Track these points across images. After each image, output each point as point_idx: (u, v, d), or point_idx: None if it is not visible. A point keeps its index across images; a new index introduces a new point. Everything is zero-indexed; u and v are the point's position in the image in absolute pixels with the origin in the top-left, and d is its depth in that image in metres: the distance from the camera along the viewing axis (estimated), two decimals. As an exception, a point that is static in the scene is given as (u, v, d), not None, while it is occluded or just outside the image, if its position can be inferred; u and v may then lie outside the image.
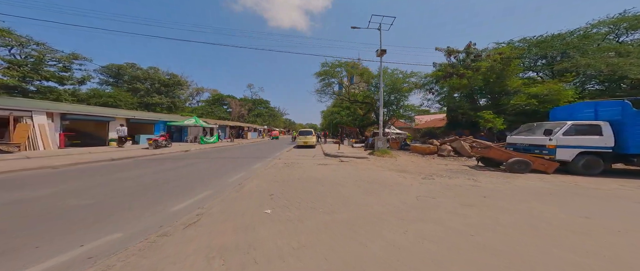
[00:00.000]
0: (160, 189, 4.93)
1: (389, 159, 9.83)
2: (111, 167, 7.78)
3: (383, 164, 8.85)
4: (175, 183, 5.55)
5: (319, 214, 3.49)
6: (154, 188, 5.02)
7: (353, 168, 7.86)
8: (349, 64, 26.76)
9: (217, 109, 54.83)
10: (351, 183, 5.64)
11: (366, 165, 8.58)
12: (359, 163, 8.99)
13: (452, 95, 15.37)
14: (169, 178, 6.20)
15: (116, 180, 5.74)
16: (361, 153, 12.31)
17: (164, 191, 4.80)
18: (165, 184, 5.39)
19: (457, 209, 3.65)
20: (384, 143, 11.07)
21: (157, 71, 53.19)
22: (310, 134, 17.52)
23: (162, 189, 4.93)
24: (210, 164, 8.73)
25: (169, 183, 5.51)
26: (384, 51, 13.18)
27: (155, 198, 4.31)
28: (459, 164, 8.65)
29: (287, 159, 10.49)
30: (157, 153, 11.87)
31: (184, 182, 5.71)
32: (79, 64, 38.32)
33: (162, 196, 4.47)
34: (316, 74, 27.78)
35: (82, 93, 40.10)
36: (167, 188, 5.05)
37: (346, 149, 15.66)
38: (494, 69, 12.83)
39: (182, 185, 5.39)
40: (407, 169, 7.67)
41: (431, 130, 21.88)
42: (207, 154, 12.35)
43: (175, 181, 5.83)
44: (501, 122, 11.35)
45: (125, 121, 15.45)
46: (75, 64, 38.11)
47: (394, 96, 26.09)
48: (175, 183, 5.55)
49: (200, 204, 3.99)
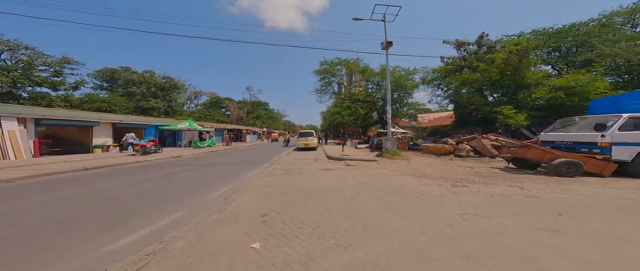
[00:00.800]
0: (113, 211, 3.72)
1: (401, 161, 8.64)
2: (75, 179, 6.57)
3: (396, 167, 7.65)
4: (140, 201, 4.34)
5: (332, 250, 2.29)
6: (105, 210, 3.80)
7: (363, 174, 6.66)
8: (349, 61, 25.68)
9: (214, 112, 53.77)
10: (366, 194, 4.43)
11: (377, 169, 7.39)
12: (369, 167, 7.79)
13: (461, 90, 14.19)
14: (140, 192, 4.99)
15: (60, 200, 4.52)
16: (368, 154, 11.11)
17: (117, 214, 3.59)
18: (126, 203, 4.18)
19: (539, 237, 2.45)
20: (394, 143, 9.89)
21: (153, 74, 52.27)
22: (311, 135, 16.34)
23: (116, 211, 3.72)
24: (197, 173, 7.53)
25: (130, 201, 4.29)
26: (389, 43, 12.05)
27: (96, 227, 3.10)
28: (485, 166, 7.45)
29: (287, 164, 9.30)
30: (141, 160, 10.67)
31: (153, 198, 4.50)
32: (70, 69, 37.30)
33: (109, 222, 3.26)
34: (315, 72, 26.69)
35: (75, 98, 39.02)
36: (124, 209, 3.84)
37: (350, 150, 14.46)
38: (510, 61, 11.69)
39: (148, 203, 4.18)
40: (427, 174, 6.46)
41: (438, 129, 20.70)
42: (198, 160, 11.16)
43: (144, 197, 4.63)
44: (524, 118, 10.18)
45: (111, 125, 14.28)
46: (67, 68, 37.10)
47: (397, 94, 24.99)
48: (140, 201, 4.34)
49: (160, 235, 2.79)
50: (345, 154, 11.17)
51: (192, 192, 5.01)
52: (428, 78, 16.78)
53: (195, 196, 4.70)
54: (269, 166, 8.72)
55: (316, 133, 20.97)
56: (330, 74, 27.54)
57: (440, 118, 32.70)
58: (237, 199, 4.29)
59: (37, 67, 34.98)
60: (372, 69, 25.45)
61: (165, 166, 9.26)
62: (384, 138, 10.65)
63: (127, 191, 5.13)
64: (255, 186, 5.40)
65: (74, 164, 8.89)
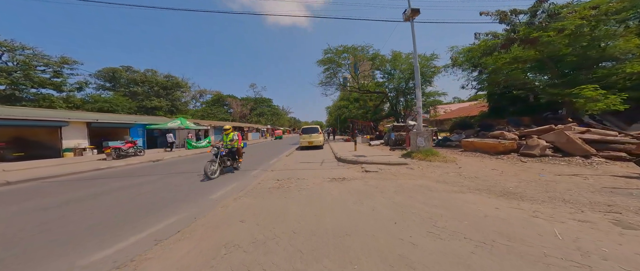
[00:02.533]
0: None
1: (444, 165, 6.11)
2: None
3: (444, 176, 5.14)
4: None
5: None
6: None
7: (396, 188, 4.22)
8: (356, 48, 22.90)
9: (217, 110, 52.30)
10: (429, 245, 2.01)
11: (414, 179, 4.91)
12: (399, 175, 5.33)
13: (505, 71, 11.21)
14: (26, 232, 2.78)
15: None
16: (389, 154, 8.61)
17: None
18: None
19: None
20: (427, 139, 7.31)
21: (155, 73, 51.22)
22: (316, 131, 13.93)
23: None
24: (150, 188, 5.32)
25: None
26: (415, 10, 9.33)
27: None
28: (604, 175, 4.78)
29: (284, 169, 6.98)
30: (104, 167, 8.63)
31: (28, 247, 2.26)
32: (70, 68, 36.35)
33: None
34: (319, 62, 24.13)
35: (77, 99, 38.29)
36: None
37: (364, 149, 11.98)
38: (581, 31, 8.67)
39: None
40: (515, 191, 3.92)
41: (464, 120, 17.76)
42: (176, 166, 9.02)
43: (14, 247, 2.40)
44: (616, 101, 7.30)
45: (86, 125, 12.41)
46: (66, 68, 36.18)
47: (412, 83, 22.11)
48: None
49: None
50: (359, 155, 8.71)
51: (102, 231, 2.75)
52: (459, 59, 13.70)
53: (94, 243, 2.42)
54: (260, 175, 6.40)
55: (322, 129, 18.51)
56: (336, 64, 24.90)
57: (462, 109, 29.37)
58: (153, 265, 1.98)
59: (36, 68, 34.16)
60: (383, 56, 22.57)
61: (126, 176, 7.13)
62: (411, 132, 8.12)
63: (9, 227, 2.93)
64: (215, 221, 3.07)
65: (6, 175, 6.90)
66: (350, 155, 8.87)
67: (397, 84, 21.97)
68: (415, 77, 7.98)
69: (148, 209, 3.76)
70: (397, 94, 23.14)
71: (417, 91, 7.87)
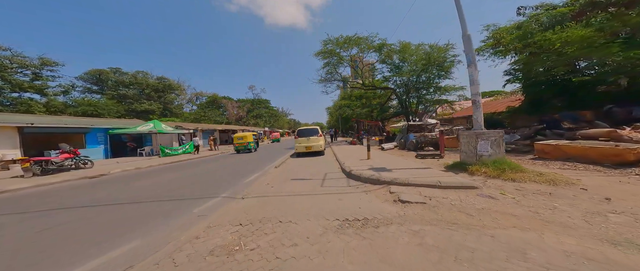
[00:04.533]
0: None
1: (554, 190, 3.28)
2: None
3: (604, 226, 2.27)
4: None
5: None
6: None
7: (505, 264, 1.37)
8: (360, 37, 20.13)
9: (212, 113, 49.59)
10: None
11: (533, 232, 2.10)
12: (482, 215, 2.54)
13: (566, 50, 8.38)
14: None
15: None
16: (422, 165, 5.80)
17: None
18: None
19: None
20: (499, 144, 4.44)
21: (147, 75, 48.72)
22: (316, 133, 11.12)
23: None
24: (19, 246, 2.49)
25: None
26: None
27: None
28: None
29: (263, 196, 4.22)
30: (9, 190, 5.83)
31: None
32: (50, 70, 33.75)
33: None
34: (318, 54, 21.39)
35: (58, 103, 35.65)
36: None
37: (379, 155, 9.13)
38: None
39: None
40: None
41: (490, 117, 14.88)
42: (112, 188, 6.23)
43: None
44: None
45: (17, 131, 9.61)
46: (47, 70, 33.59)
47: (424, 77, 19.28)
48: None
49: None
50: (378, 167, 5.88)
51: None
52: (502, 38, 10.57)
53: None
54: (215, 208, 3.60)
55: (322, 131, 15.61)
56: (338, 59, 22.13)
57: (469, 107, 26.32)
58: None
59: (13, 69, 31.48)
60: (390, 45, 19.76)
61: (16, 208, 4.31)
62: (463, 132, 5.30)
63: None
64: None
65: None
66: (364, 166, 6.02)
67: (410, 76, 19.13)
68: (466, 48, 5.12)
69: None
70: (409, 89, 20.29)
71: (470, 71, 5.00)
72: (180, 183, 6.22)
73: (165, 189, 5.41)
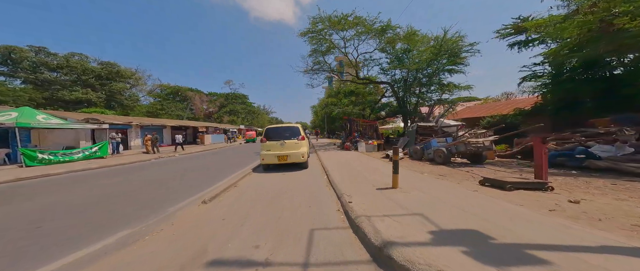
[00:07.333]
0: None
1: None
2: None
3: None
4: None
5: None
6: None
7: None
8: (360, 18, 16.34)
9: (171, 106, 41.73)
10: None
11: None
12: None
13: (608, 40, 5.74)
14: None
15: None
16: (539, 213, 1.94)
17: None
18: None
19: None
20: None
21: (86, 58, 39.08)
22: (295, 135, 6.65)
23: None
24: None
25: None
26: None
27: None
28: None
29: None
30: None
31: None
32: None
33: None
34: (303, 33, 17.14)
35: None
36: None
37: (412, 179, 5.14)
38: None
39: None
40: None
41: (504, 119, 12.18)
42: None
43: None
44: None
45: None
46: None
47: (430, 69, 16.19)
48: None
49: None
50: (456, 230, 1.77)
51: None
52: (549, 30, 7.95)
53: None
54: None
55: (305, 131, 11.10)
56: (328, 44, 18.08)
57: (470, 109, 24.48)
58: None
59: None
60: (396, 28, 16.27)
61: None
62: None
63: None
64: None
65: None
66: (400, 209, 1.94)
67: (416, 68, 15.81)
68: None
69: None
70: (413, 84, 16.98)
71: None
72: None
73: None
